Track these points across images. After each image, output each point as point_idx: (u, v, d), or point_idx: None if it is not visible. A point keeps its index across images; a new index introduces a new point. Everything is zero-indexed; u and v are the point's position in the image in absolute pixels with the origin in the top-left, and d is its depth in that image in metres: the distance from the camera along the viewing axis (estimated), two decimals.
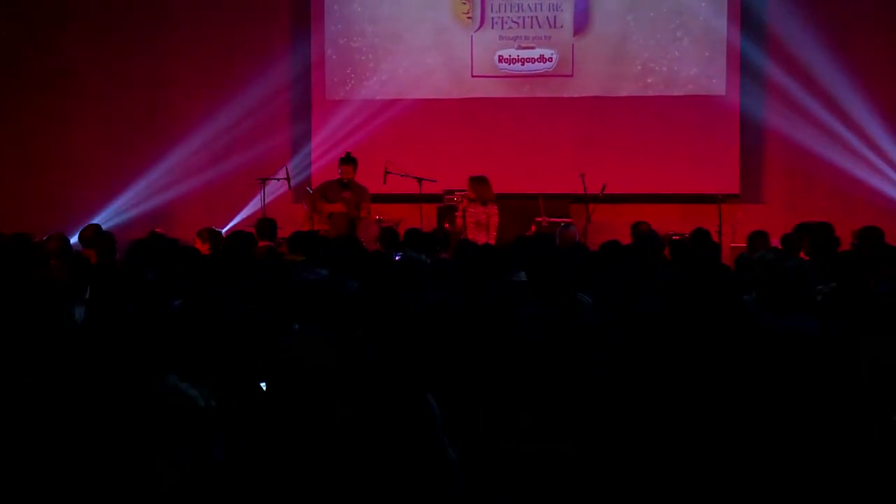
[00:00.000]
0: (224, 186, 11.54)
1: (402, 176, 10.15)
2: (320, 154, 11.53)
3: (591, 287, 5.29)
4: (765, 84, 11.21)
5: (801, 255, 7.27)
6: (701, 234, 7.44)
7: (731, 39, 11.08)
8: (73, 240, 7.97)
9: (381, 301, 4.92)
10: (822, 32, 11.04)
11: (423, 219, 10.04)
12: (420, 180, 10.18)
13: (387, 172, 10.06)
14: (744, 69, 11.12)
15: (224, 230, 9.38)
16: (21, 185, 11.86)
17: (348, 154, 10.08)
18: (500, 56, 11.47)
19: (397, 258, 5.95)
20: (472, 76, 11.51)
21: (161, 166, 11.77)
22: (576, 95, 11.38)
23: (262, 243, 7.59)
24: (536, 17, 11.41)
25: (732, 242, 9.90)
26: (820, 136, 11.01)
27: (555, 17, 11.38)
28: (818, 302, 4.86)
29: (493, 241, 9.33)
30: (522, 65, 11.45)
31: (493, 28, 11.47)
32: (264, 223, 8.50)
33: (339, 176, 9.90)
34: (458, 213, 9.97)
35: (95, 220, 11.00)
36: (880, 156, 10.96)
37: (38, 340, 3.82)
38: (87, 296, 5.34)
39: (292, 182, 10.79)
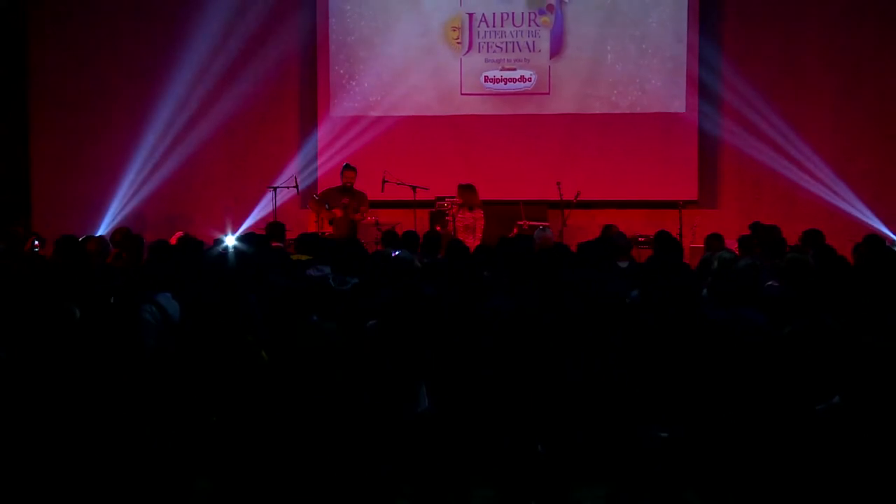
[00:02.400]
0: (238, 193, 11.50)
1: (398, 184, 10.16)
2: (325, 164, 11.51)
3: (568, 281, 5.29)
4: (719, 103, 11.22)
5: (757, 252, 7.27)
6: (663, 236, 7.44)
7: (689, 64, 11.10)
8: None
9: (380, 295, 4.91)
10: (770, 58, 11.08)
11: (417, 223, 10.02)
12: (414, 188, 10.18)
13: (384, 181, 10.08)
14: (701, 90, 11.13)
15: (238, 232, 9.38)
16: (61, 190, 11.82)
17: (349, 164, 10.15)
18: (485, 76, 11.46)
19: (394, 255, 5.96)
20: (461, 94, 11.51)
21: (182, 175, 11.73)
22: (552, 112, 11.38)
23: (273, 244, 7.58)
24: (517, 42, 11.42)
25: (692, 243, 9.92)
26: (768, 149, 11.04)
27: (533, 42, 11.39)
28: (766, 297, 4.87)
29: (479, 242, 9.37)
30: (505, 84, 11.45)
31: (479, 52, 11.46)
32: (275, 226, 8.48)
33: (342, 182, 9.96)
34: (449, 218, 9.98)
35: (123, 223, 11.03)
36: (820, 167, 10.99)
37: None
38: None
39: (300, 189, 10.79)
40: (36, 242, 7.66)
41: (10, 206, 11.51)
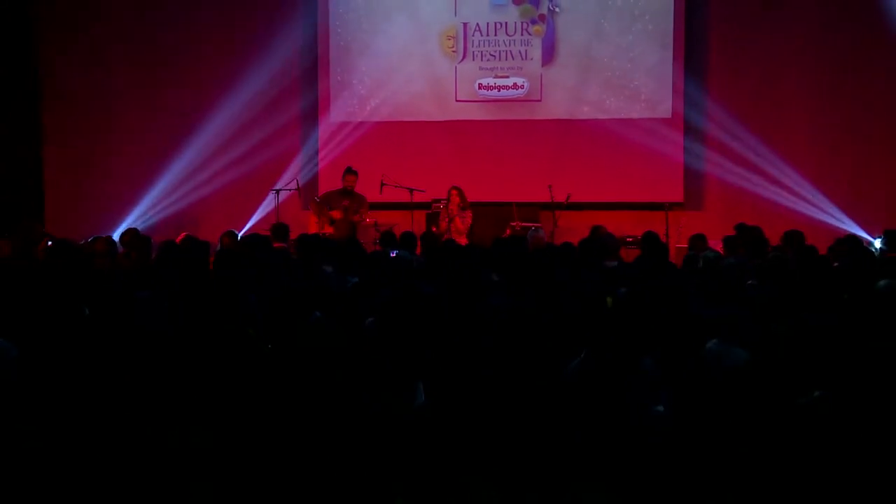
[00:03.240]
0: (242, 195, 11.49)
1: (396, 187, 10.16)
2: (326, 168, 11.50)
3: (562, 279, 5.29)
4: (704, 109, 11.23)
5: (740, 252, 7.27)
6: (650, 237, 7.45)
7: (675, 71, 11.11)
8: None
9: (378, 292, 4.90)
10: (752, 67, 11.09)
11: (414, 224, 10.02)
12: (411, 190, 10.18)
13: (383, 184, 10.08)
14: (686, 96, 11.14)
15: (241, 232, 9.36)
16: (72, 192, 11.81)
17: (350, 167, 10.12)
18: (479, 84, 11.46)
19: (392, 255, 5.95)
20: (456, 101, 11.50)
21: (189, 178, 11.72)
22: (544, 118, 11.38)
23: (276, 244, 7.57)
24: (510, 50, 11.41)
25: (678, 244, 9.93)
26: (751, 153, 11.05)
27: (526, 50, 11.39)
28: (749, 295, 4.87)
29: (465, 241, 9.41)
30: (499, 91, 11.45)
31: (473, 60, 11.46)
32: (279, 227, 8.46)
33: (343, 185, 9.96)
34: (444, 220, 9.99)
35: (133, 224, 11.02)
36: (799, 171, 11.01)
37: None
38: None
39: (301, 192, 10.79)
40: (49, 242, 7.63)
41: (23, 207, 11.47)
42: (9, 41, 11.62)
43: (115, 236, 8.81)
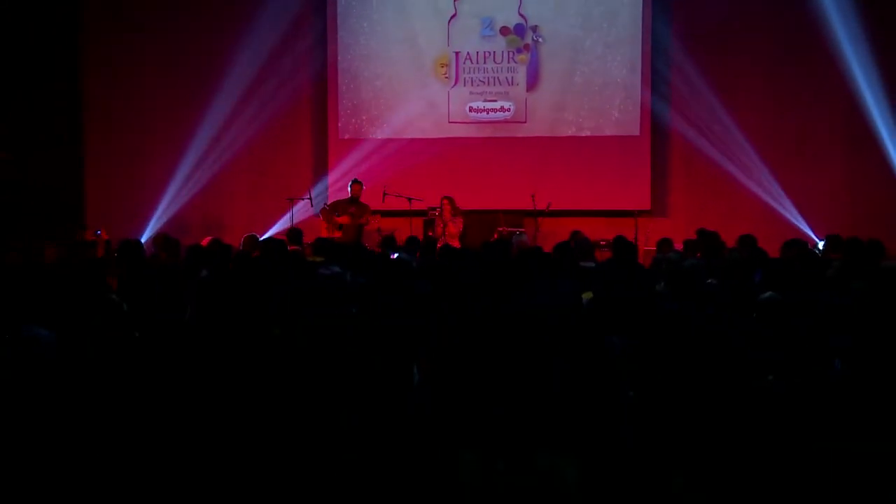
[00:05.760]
0: (262, 203, 11.49)
1: (397, 196, 10.18)
2: (335, 180, 11.51)
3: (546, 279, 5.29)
4: (668, 128, 11.28)
5: (698, 255, 7.29)
6: (621, 240, 7.46)
7: (643, 94, 11.15)
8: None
9: (380, 290, 4.89)
10: (710, 90, 11.13)
11: (412, 229, 10.04)
12: (410, 199, 10.20)
13: (385, 193, 10.11)
14: (653, 116, 11.18)
15: (262, 237, 9.36)
16: (110, 201, 11.79)
17: (357, 178, 10.17)
18: (470, 106, 11.47)
19: (393, 256, 5.94)
20: (449, 122, 11.51)
21: (214, 188, 11.72)
22: (528, 135, 11.41)
23: (291, 247, 7.56)
24: (498, 77, 11.43)
25: (646, 246, 9.96)
26: (710, 166, 11.10)
27: (512, 77, 11.41)
28: (708, 292, 4.88)
29: (458, 244, 9.45)
30: (487, 113, 11.46)
31: (465, 85, 11.47)
32: (293, 232, 8.48)
33: (350, 195, 9.98)
34: (439, 225, 10.01)
35: (163, 228, 11.02)
36: (752, 181, 11.06)
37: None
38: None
39: (313, 201, 10.81)
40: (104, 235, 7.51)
41: (67, 213, 11.53)
42: (55, 60, 11.67)
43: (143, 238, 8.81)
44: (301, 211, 10.87)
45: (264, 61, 11.57)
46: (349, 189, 10.04)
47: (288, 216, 10.71)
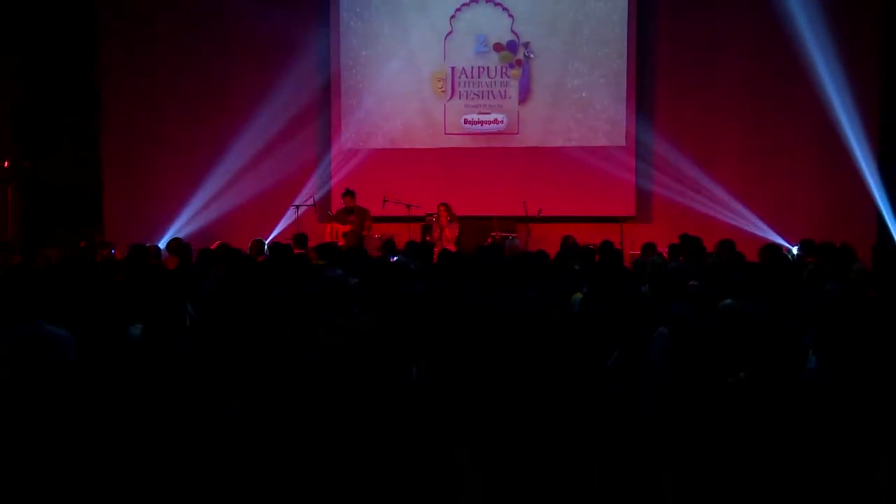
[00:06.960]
0: (268, 209, 11.46)
1: (396, 203, 10.19)
2: (337, 186, 11.50)
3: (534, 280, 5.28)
4: (652, 138, 11.29)
5: (681, 259, 7.30)
6: (607, 245, 7.47)
7: (628, 107, 11.18)
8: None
9: (379, 291, 4.88)
10: (691, 103, 11.17)
11: (410, 234, 10.03)
12: (408, 206, 10.21)
13: (385, 200, 10.13)
14: (637, 128, 11.20)
15: (268, 241, 9.35)
16: (126, 208, 11.76)
17: (348, 189, 10.25)
18: (465, 119, 11.49)
19: (393, 259, 5.94)
20: (445, 133, 11.52)
21: (223, 195, 11.69)
22: (520, 146, 11.42)
23: (296, 251, 7.55)
24: (491, 90, 11.45)
25: (630, 251, 9.97)
26: (691, 174, 11.12)
27: (505, 90, 11.42)
28: (690, 293, 4.89)
29: (454, 248, 9.45)
30: (482, 125, 11.47)
31: (460, 99, 11.48)
32: (299, 237, 8.48)
33: (343, 206, 10.07)
34: (436, 230, 10.01)
35: (176, 233, 10.99)
36: (731, 190, 11.08)
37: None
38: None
39: (317, 207, 10.80)
40: (114, 251, 7.59)
41: (86, 220, 11.50)
42: (73, 74, 11.65)
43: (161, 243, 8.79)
44: (304, 217, 10.85)
45: (272, 76, 11.54)
46: (343, 200, 10.11)
47: (293, 221, 10.70)
